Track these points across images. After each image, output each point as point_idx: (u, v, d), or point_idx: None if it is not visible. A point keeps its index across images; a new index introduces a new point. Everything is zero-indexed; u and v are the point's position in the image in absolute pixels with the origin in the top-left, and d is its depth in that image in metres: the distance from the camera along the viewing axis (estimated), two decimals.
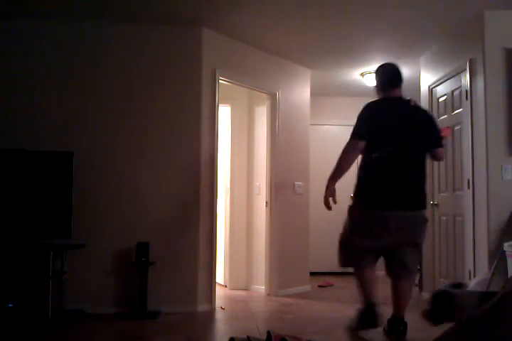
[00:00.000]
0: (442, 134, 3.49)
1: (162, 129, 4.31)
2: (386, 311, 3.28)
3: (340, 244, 3.35)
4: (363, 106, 3.33)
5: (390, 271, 3.26)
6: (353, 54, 5.11)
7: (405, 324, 3.21)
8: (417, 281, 5.31)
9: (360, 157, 3.30)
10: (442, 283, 4.54)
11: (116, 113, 4.29)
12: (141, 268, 4.02)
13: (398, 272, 3.20)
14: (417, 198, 3.23)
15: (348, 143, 3.20)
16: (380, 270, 3.43)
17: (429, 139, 3.30)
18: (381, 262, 3.37)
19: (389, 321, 3.25)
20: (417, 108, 3.39)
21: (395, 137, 3.17)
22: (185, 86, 4.36)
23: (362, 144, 3.18)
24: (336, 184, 3.23)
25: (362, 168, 3.28)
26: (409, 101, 3.32)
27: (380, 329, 3.30)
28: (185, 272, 4.20)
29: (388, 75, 3.41)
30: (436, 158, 3.45)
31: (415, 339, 3.42)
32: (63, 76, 4.26)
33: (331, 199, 3.21)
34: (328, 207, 3.23)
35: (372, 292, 3.26)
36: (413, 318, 4.19)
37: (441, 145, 3.38)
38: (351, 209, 3.31)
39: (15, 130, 4.13)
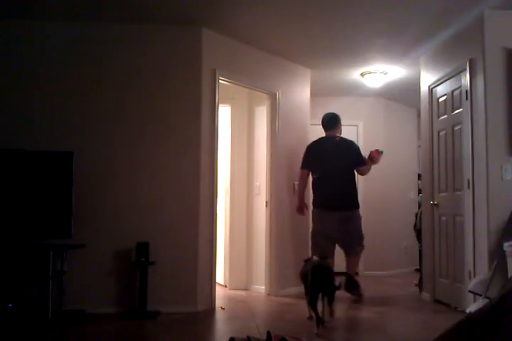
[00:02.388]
0: (371, 155, 4.86)
1: (162, 129, 4.31)
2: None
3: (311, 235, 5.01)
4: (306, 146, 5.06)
5: (344, 249, 4.90)
6: (353, 54, 5.11)
7: (356, 281, 4.86)
8: (417, 281, 5.33)
9: None
10: (442, 283, 4.55)
11: (116, 113, 4.29)
12: (141, 268, 4.02)
13: (346, 251, 4.89)
14: (343, 202, 4.77)
15: (299, 173, 4.99)
16: None
17: (352, 161, 4.86)
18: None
19: (345, 280, 4.77)
20: (343, 141, 4.97)
21: (324, 163, 4.84)
22: (185, 86, 4.36)
23: (305, 172, 4.95)
24: None
25: (312, 185, 4.97)
26: (335, 137, 4.96)
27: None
28: (185, 272, 4.20)
29: (326, 122, 5.09)
30: (360, 173, 5.00)
31: (416, 339, 3.43)
32: (63, 76, 4.26)
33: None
34: (301, 214, 5.03)
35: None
36: (414, 319, 4.21)
37: (361, 165, 4.88)
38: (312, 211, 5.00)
39: (15, 130, 4.13)
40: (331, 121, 5.04)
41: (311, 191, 5.04)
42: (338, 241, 4.81)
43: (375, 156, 4.88)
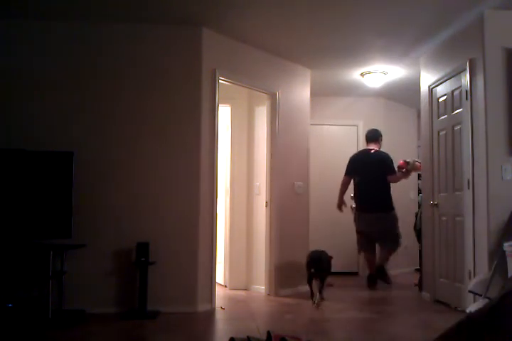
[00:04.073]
0: (398, 165, 5.66)
1: (162, 129, 4.31)
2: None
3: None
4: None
5: (379, 245, 5.69)
6: (353, 54, 5.11)
7: (384, 270, 5.59)
8: (416, 281, 5.34)
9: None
10: (442, 283, 4.55)
11: (116, 113, 4.29)
12: (141, 268, 4.02)
13: (381, 247, 5.68)
14: (374, 205, 5.61)
15: (343, 178, 5.85)
16: None
17: (383, 170, 5.64)
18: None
19: (376, 269, 5.57)
20: (377, 153, 5.78)
21: (360, 172, 5.74)
22: (185, 86, 4.36)
23: (346, 178, 5.82)
24: None
25: (353, 190, 5.87)
26: (372, 150, 5.80)
27: None
28: (185, 272, 4.21)
29: (367, 136, 5.95)
30: (389, 181, 5.67)
31: (416, 339, 3.43)
32: (63, 76, 4.26)
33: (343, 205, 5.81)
34: (340, 210, 5.77)
35: (373, 263, 5.65)
36: (414, 319, 4.21)
37: (390, 173, 5.64)
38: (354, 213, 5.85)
39: (15, 130, 4.13)
40: (371, 136, 5.92)
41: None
42: (375, 238, 5.63)
43: (401, 166, 5.65)
